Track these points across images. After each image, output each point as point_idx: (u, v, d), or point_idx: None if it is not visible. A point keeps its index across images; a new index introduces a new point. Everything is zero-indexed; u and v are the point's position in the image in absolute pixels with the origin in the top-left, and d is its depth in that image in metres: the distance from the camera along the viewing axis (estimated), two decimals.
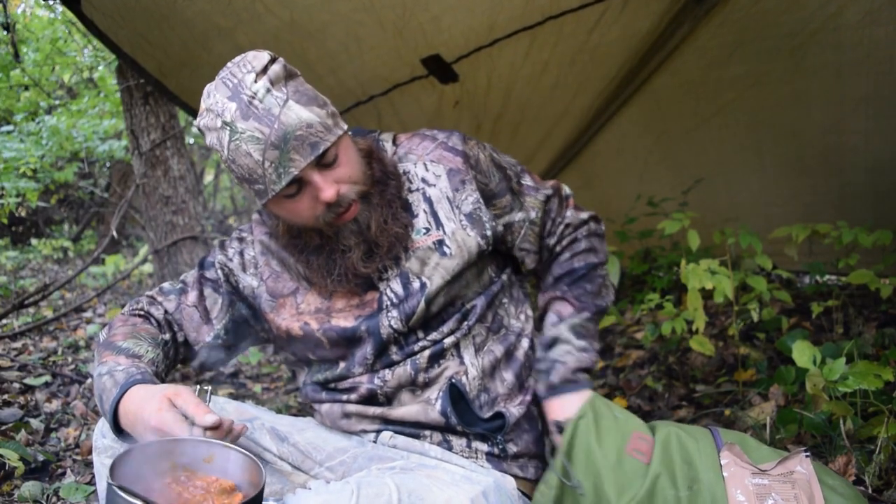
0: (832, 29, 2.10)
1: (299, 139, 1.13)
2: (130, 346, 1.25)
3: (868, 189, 2.64)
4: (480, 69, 2.44)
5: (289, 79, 1.17)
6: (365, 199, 1.24)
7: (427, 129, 1.42)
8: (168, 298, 1.39)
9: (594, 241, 1.46)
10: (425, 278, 1.27)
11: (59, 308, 4.35)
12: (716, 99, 2.65)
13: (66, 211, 8.08)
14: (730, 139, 2.82)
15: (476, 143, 1.39)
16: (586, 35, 2.30)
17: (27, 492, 1.82)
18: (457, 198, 1.32)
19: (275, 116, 1.12)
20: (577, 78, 2.62)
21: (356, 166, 1.23)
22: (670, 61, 2.50)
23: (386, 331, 1.27)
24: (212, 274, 1.40)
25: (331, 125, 1.18)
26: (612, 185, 3.53)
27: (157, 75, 2.44)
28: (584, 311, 1.39)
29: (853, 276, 2.21)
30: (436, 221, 1.30)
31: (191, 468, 0.95)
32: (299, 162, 1.13)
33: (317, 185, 1.16)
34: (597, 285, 1.43)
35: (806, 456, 1.16)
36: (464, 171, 1.33)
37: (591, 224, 1.48)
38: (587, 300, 1.40)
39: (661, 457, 1.18)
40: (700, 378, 2.48)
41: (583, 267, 1.42)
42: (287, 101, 1.14)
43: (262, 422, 1.29)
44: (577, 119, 3.04)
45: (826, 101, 2.41)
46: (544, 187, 1.44)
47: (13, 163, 3.62)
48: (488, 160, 1.38)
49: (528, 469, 1.29)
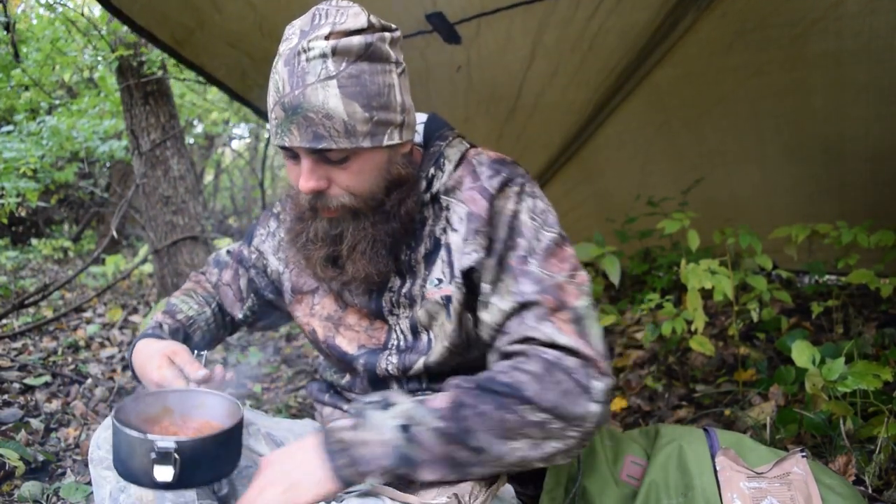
0: (833, 18, 2.11)
1: (307, 121, 1.01)
2: (177, 303, 1.38)
3: (868, 179, 2.66)
4: (483, 38, 2.44)
5: (360, 59, 1.01)
6: (354, 216, 1.11)
7: (486, 157, 1.19)
8: (213, 271, 1.46)
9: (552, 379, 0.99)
10: (433, 335, 1.15)
11: (59, 308, 4.35)
12: (717, 89, 2.65)
13: (66, 211, 8.08)
14: (731, 129, 2.83)
15: (517, 194, 1.13)
16: (585, 21, 2.31)
17: (27, 492, 1.82)
18: (463, 248, 1.12)
19: (304, 84, 1.00)
20: (576, 67, 2.63)
21: (366, 184, 1.08)
22: (673, 52, 2.51)
23: (382, 372, 1.20)
24: (249, 251, 1.41)
25: (358, 131, 1.02)
26: (613, 178, 3.53)
27: (172, 44, 2.48)
28: (451, 423, 0.97)
29: (853, 275, 2.21)
30: (450, 274, 1.13)
31: (185, 414, 1.08)
32: (294, 138, 1.03)
33: (302, 169, 1.06)
34: (506, 423, 0.97)
35: (802, 456, 1.16)
36: (483, 220, 1.11)
37: (566, 359, 1.01)
38: (471, 423, 0.97)
39: (656, 465, 1.18)
40: (700, 378, 2.48)
41: (505, 388, 0.99)
42: (330, 79, 1.00)
43: (258, 427, 1.28)
44: (576, 114, 3.04)
45: (826, 91, 2.42)
46: (537, 282, 1.06)
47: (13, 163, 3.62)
48: (509, 214, 1.11)
49: (527, 486, 1.25)
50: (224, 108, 6.67)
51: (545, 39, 2.43)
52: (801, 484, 1.12)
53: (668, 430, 1.27)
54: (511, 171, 1.15)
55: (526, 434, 0.97)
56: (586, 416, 0.99)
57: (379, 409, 1.00)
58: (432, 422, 0.97)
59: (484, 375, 1.03)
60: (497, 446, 0.97)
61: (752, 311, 2.28)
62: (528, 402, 0.97)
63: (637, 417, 2.29)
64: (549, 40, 2.44)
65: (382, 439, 0.97)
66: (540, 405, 0.97)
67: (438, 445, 0.97)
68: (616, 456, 1.23)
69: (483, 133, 3.21)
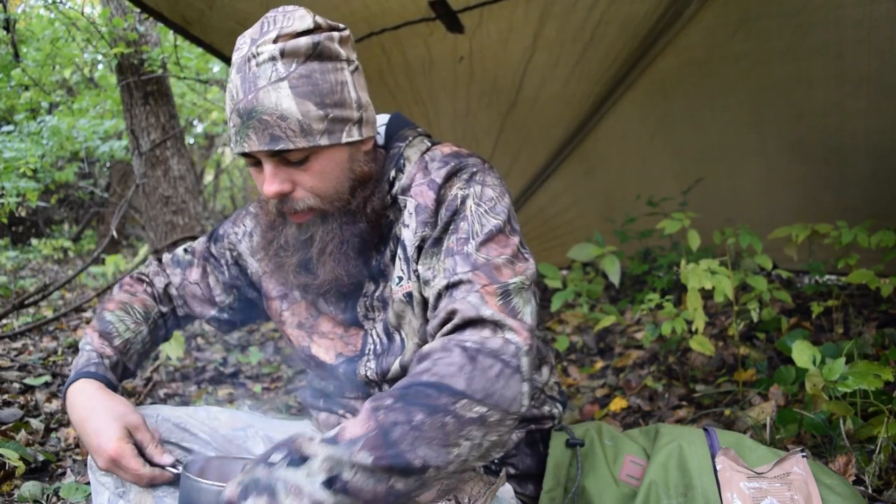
0: (833, 6, 2.11)
1: (263, 123, 1.01)
2: (113, 320, 1.27)
3: (868, 173, 2.65)
4: (486, 28, 2.45)
5: (309, 59, 1.03)
6: (322, 218, 1.11)
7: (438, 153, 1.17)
8: (174, 271, 1.40)
9: (478, 366, 0.91)
10: (404, 334, 1.15)
11: (59, 308, 4.35)
12: (719, 79, 2.66)
13: (66, 211, 8.08)
14: (732, 121, 2.83)
15: (466, 181, 1.11)
16: (587, 11, 2.32)
17: (27, 492, 1.82)
18: (413, 241, 1.12)
19: (255, 88, 1.01)
20: (577, 58, 2.64)
21: (329, 184, 1.08)
22: (675, 41, 2.52)
23: (362, 379, 1.19)
24: (218, 250, 1.37)
25: (314, 129, 1.02)
26: (614, 174, 3.53)
27: (182, 24, 2.51)
28: (382, 453, 0.84)
29: (853, 275, 2.21)
30: (408, 269, 1.12)
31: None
32: (252, 143, 1.03)
33: (265, 174, 1.06)
34: (446, 428, 0.87)
35: (802, 456, 1.16)
36: (430, 211, 1.10)
37: (489, 341, 0.94)
38: (406, 443, 0.85)
39: (655, 465, 1.18)
40: (700, 378, 2.48)
41: (432, 388, 0.89)
42: (281, 81, 1.01)
43: (256, 430, 1.28)
44: (578, 107, 3.04)
45: (827, 82, 2.42)
46: (470, 262, 1.03)
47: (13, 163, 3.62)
48: (456, 200, 1.09)
49: (526, 486, 1.25)
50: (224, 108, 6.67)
51: (546, 30, 2.44)
52: (800, 484, 1.12)
53: (667, 430, 1.27)
54: (461, 161, 1.13)
55: (466, 436, 0.89)
56: (519, 397, 0.93)
57: (291, 467, 0.85)
58: (359, 458, 0.84)
59: (401, 385, 0.92)
60: (440, 458, 0.87)
61: (752, 311, 2.27)
62: (462, 396, 0.89)
63: (637, 417, 2.29)
64: (550, 31, 2.45)
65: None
66: (474, 397, 0.89)
67: (374, 484, 0.84)
68: (616, 456, 1.23)
69: (484, 126, 3.21)
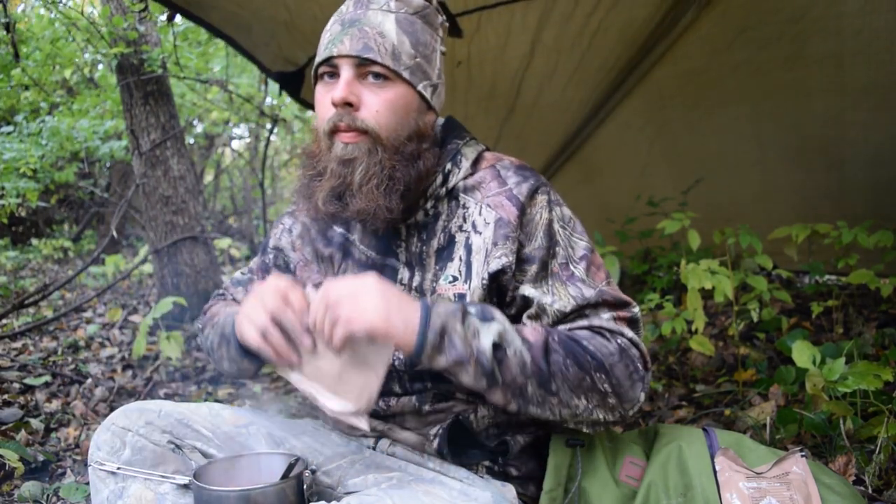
0: (833, 16, 2.11)
1: (362, 33, 1.11)
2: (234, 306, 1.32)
3: (868, 183, 2.65)
4: (484, 33, 2.45)
5: (416, 15, 1.16)
6: (371, 150, 1.12)
7: (508, 163, 1.23)
8: (236, 290, 1.43)
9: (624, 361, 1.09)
10: None
11: (59, 308, 4.36)
12: (717, 88, 2.65)
13: (66, 211, 8.08)
14: (731, 130, 2.82)
15: (547, 203, 1.18)
16: (585, 18, 2.32)
17: (27, 492, 1.82)
18: (493, 252, 1.14)
19: (367, 7, 1.14)
20: (575, 64, 2.63)
21: (393, 116, 1.12)
22: (673, 50, 2.51)
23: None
24: (268, 258, 1.41)
25: (403, 60, 1.12)
26: (613, 178, 3.53)
27: (182, 4, 2.54)
28: (539, 361, 1.04)
29: (853, 276, 2.21)
30: (467, 273, 1.16)
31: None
32: (343, 47, 1.11)
33: (339, 82, 1.11)
34: (582, 382, 1.06)
35: (802, 456, 1.16)
36: (513, 226, 1.14)
37: (632, 349, 1.12)
38: (554, 368, 1.04)
39: (655, 465, 1.18)
40: (700, 378, 2.48)
41: (590, 355, 1.07)
42: (391, 13, 1.13)
43: (258, 427, 1.28)
44: (575, 113, 3.04)
45: (827, 92, 2.41)
46: (593, 286, 1.14)
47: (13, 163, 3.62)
48: (544, 223, 1.16)
49: (528, 487, 1.25)
50: (224, 108, 6.67)
51: (544, 36, 2.44)
52: (800, 484, 1.12)
53: (667, 431, 1.27)
54: (537, 178, 1.21)
55: (588, 398, 1.06)
56: (636, 401, 1.11)
57: (479, 318, 1.03)
58: (523, 350, 1.03)
59: (570, 336, 1.08)
60: (566, 396, 1.05)
61: (752, 311, 2.28)
62: (605, 373, 1.06)
63: (637, 417, 2.29)
64: (548, 37, 2.44)
65: (474, 345, 1.01)
66: (611, 379, 1.07)
67: (519, 373, 1.02)
68: (615, 456, 1.23)
69: (482, 132, 3.19)
